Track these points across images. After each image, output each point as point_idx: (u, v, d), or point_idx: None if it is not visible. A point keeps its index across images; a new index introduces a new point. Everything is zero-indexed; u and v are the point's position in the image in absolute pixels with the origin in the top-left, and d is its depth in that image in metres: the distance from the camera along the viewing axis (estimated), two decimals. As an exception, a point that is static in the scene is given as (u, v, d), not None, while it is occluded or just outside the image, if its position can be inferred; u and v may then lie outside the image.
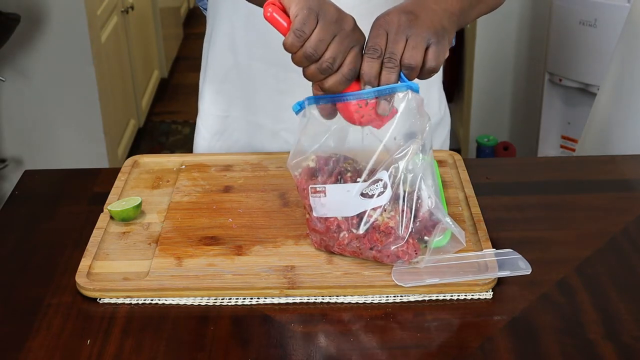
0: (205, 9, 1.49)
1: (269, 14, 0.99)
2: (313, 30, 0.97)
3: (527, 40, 2.97)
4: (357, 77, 1.01)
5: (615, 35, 1.76)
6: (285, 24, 0.99)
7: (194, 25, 5.55)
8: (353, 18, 1.01)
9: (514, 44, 3.01)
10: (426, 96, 1.47)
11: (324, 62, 0.98)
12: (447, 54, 1.04)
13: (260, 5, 1.04)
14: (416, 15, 1.02)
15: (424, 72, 1.03)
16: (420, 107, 1.02)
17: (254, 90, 1.43)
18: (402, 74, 1.01)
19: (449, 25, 1.05)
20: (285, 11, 0.99)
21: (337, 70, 0.99)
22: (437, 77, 1.52)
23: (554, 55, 2.60)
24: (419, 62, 1.00)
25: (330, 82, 1.00)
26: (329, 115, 1.04)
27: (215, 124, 1.49)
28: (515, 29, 2.98)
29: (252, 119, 1.46)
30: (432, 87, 1.50)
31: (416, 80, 1.03)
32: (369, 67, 1.00)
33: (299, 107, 1.06)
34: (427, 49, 1.01)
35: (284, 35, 0.98)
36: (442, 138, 1.55)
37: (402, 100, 1.02)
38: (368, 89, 1.00)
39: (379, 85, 1.01)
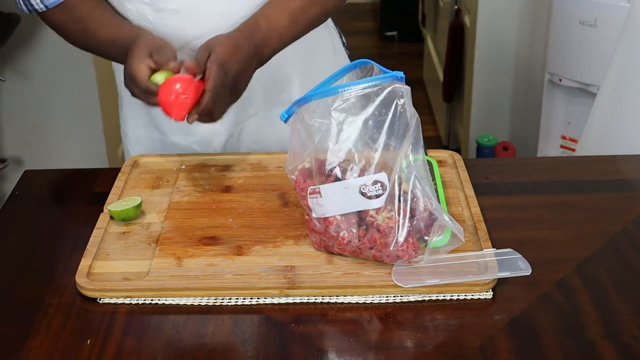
0: None
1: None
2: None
3: (527, 40, 2.97)
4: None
5: (615, 35, 1.76)
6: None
7: (194, 25, 5.53)
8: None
9: (514, 44, 3.00)
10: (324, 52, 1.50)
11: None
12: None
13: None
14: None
15: None
16: (408, 102, 1.03)
17: (160, 113, 1.46)
18: (380, 67, 1.06)
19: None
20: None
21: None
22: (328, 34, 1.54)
23: (554, 55, 2.60)
24: None
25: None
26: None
27: (140, 146, 1.52)
28: (515, 29, 2.98)
29: (166, 140, 1.49)
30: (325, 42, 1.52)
31: None
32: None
33: (287, 115, 1.08)
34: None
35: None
36: None
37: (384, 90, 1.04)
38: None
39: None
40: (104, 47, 1.31)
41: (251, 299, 1.05)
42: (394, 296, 1.05)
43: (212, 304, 1.05)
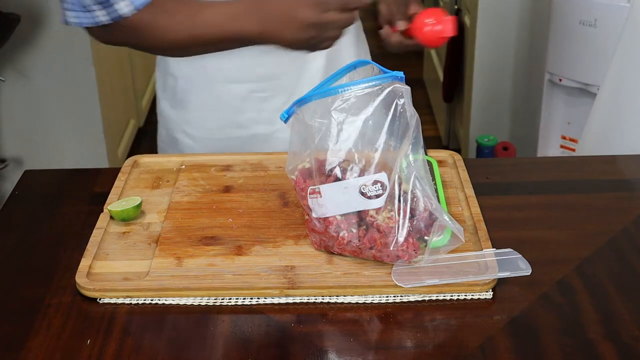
0: None
1: None
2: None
3: (527, 40, 2.97)
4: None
5: (615, 35, 1.75)
6: None
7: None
8: None
9: (514, 44, 3.01)
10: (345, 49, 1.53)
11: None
12: None
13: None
14: None
15: None
16: (408, 102, 1.03)
17: (243, 108, 1.46)
18: (380, 67, 1.07)
19: None
20: None
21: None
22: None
23: (554, 55, 2.60)
24: None
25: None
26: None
27: (212, 146, 1.51)
28: (515, 29, 2.98)
29: (245, 133, 1.48)
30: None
31: None
32: None
33: (287, 115, 1.09)
34: None
35: None
36: None
37: (384, 90, 1.04)
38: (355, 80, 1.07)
39: None
40: (217, 25, 1.23)
41: (251, 299, 1.05)
42: (394, 296, 1.05)
43: (212, 304, 1.05)
